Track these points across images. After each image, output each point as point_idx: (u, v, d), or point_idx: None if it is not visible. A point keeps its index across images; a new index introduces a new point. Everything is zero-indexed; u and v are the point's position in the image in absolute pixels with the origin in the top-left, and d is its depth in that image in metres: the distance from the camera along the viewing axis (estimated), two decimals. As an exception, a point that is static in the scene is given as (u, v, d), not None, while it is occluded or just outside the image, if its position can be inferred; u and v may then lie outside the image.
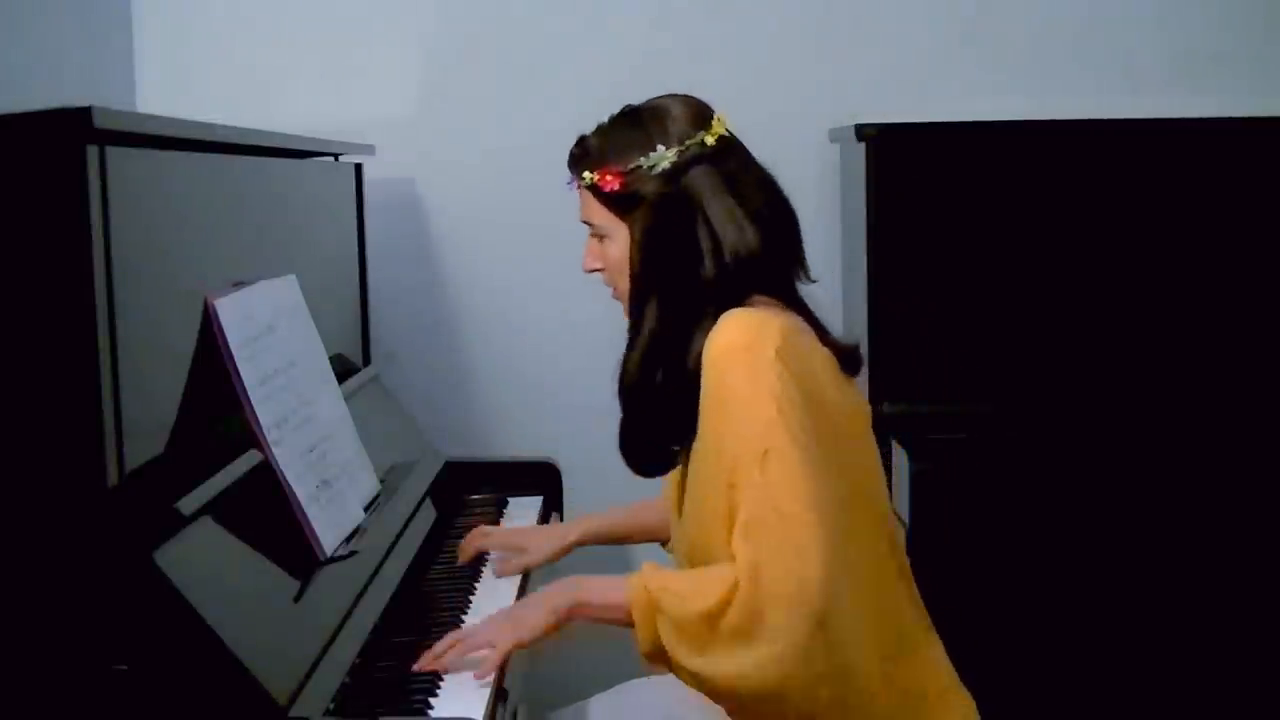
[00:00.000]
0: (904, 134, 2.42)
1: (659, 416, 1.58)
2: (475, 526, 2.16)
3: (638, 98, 1.72)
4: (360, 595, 1.62)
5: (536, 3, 2.69)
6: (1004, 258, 2.41)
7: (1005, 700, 1.76)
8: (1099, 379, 2.41)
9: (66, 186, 1.24)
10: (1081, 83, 2.66)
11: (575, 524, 2.01)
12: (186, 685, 1.27)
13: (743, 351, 1.45)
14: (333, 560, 1.61)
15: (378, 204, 2.51)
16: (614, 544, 2.02)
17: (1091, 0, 2.68)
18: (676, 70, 2.69)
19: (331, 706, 1.41)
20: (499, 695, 1.51)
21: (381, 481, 1.93)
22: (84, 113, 1.21)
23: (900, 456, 2.27)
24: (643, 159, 1.57)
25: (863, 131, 2.38)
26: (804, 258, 1.64)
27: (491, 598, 1.84)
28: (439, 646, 1.56)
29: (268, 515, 1.55)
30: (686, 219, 1.55)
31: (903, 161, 2.40)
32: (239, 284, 1.64)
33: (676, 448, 1.60)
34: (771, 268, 1.57)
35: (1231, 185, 2.42)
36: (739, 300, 1.53)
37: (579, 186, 1.64)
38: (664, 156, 1.57)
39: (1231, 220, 2.42)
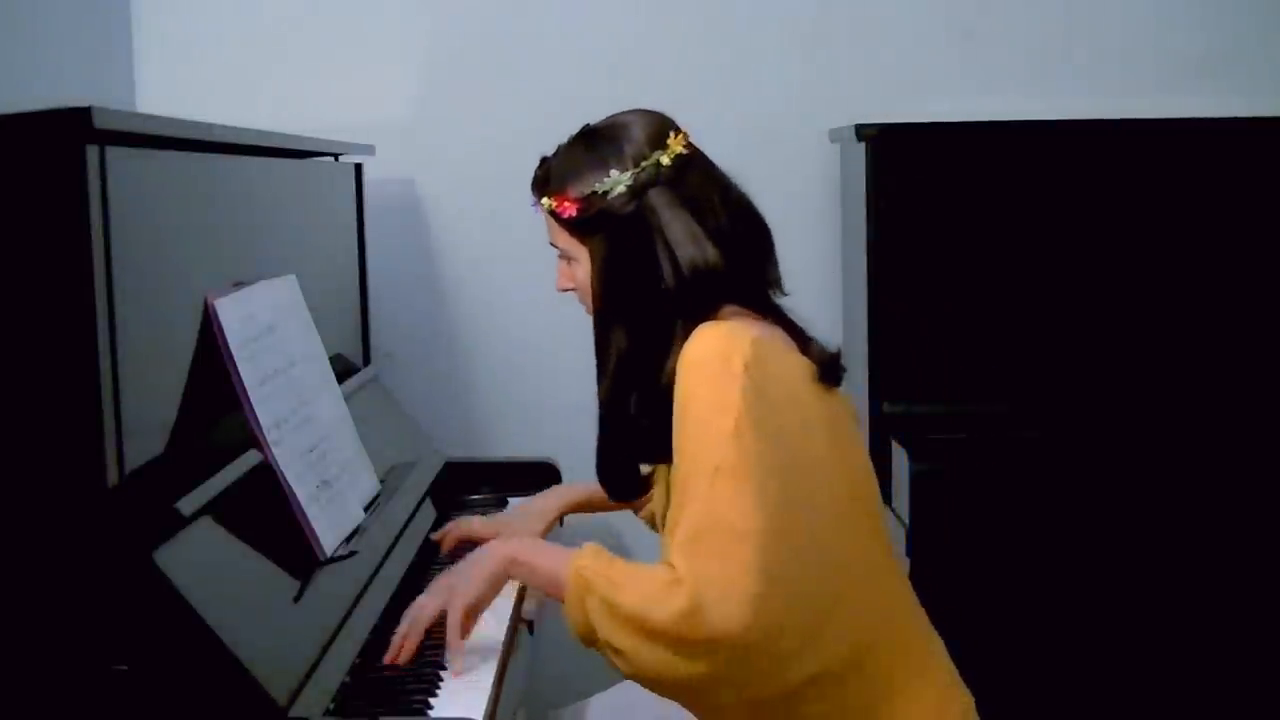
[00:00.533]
0: (904, 134, 2.42)
1: (634, 438, 1.58)
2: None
3: (638, 98, 1.72)
4: (360, 595, 1.62)
5: (536, 3, 2.69)
6: (1004, 258, 2.41)
7: (1005, 700, 1.76)
8: (1099, 378, 2.41)
9: (66, 186, 1.24)
10: (1081, 83, 2.66)
11: (554, 496, 2.01)
12: (186, 685, 1.27)
13: (709, 364, 1.44)
14: (333, 560, 1.61)
15: (378, 204, 2.51)
16: (596, 511, 2.02)
17: (1091, 0, 2.68)
18: (676, 70, 2.71)
19: (331, 706, 1.41)
20: (497, 700, 1.52)
21: (381, 481, 1.93)
22: (84, 113, 1.21)
23: (900, 456, 2.27)
24: (598, 184, 1.55)
25: (863, 131, 2.38)
26: (775, 267, 1.61)
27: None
28: (397, 636, 1.56)
29: (268, 515, 1.55)
30: (644, 241, 1.53)
31: (903, 161, 2.40)
32: (239, 284, 1.64)
33: (649, 469, 1.62)
34: (737, 280, 1.54)
35: (1231, 185, 2.42)
36: (707, 313, 1.51)
37: (541, 210, 1.64)
38: (619, 181, 1.54)
39: (1231, 220, 2.42)
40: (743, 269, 1.55)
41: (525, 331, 2.74)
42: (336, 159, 2.31)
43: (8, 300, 1.26)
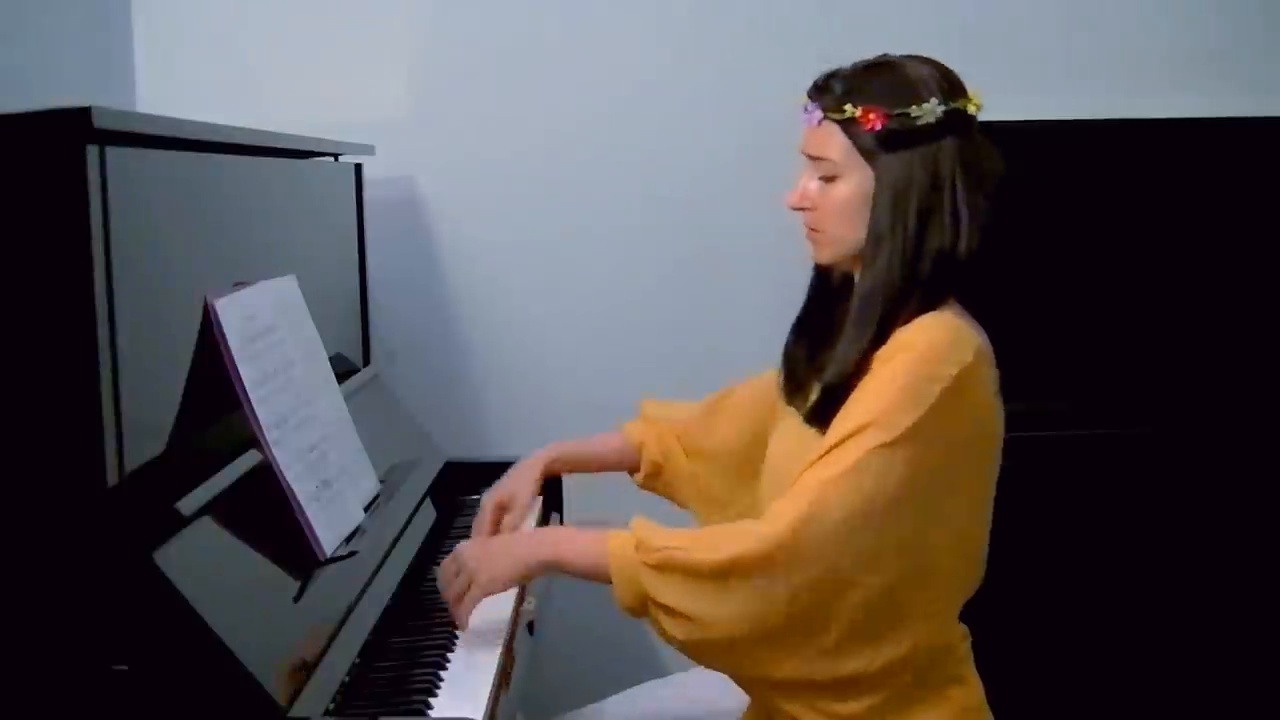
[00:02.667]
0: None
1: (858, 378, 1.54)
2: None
3: (637, 98, 1.73)
4: (360, 595, 1.62)
5: (535, 3, 2.69)
6: (1003, 257, 2.41)
7: (1014, 701, 1.76)
8: (1099, 378, 2.41)
9: (66, 186, 1.24)
10: (1082, 83, 2.66)
11: (538, 456, 1.98)
12: (186, 685, 1.27)
13: (927, 358, 1.46)
14: (333, 560, 1.61)
15: (378, 204, 2.51)
16: (583, 470, 2.00)
17: (1092, 0, 2.68)
18: (676, 70, 2.71)
19: (331, 706, 1.41)
20: (497, 700, 1.52)
21: (381, 481, 1.93)
22: (84, 113, 1.21)
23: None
24: (912, 107, 1.51)
25: (863, 131, 2.38)
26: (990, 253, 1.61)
27: (491, 599, 1.84)
28: (452, 607, 1.60)
29: (268, 515, 1.55)
30: (938, 177, 1.53)
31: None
32: (239, 284, 1.63)
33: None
34: (974, 273, 1.56)
35: (1231, 185, 2.42)
36: (943, 294, 1.53)
37: (822, 119, 1.56)
38: (934, 110, 1.52)
39: (1231, 220, 2.42)
40: (978, 263, 1.56)
41: (525, 331, 2.74)
42: (336, 159, 2.30)
43: (8, 300, 1.26)
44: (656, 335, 2.73)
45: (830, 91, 1.56)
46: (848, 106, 1.53)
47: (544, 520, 2.27)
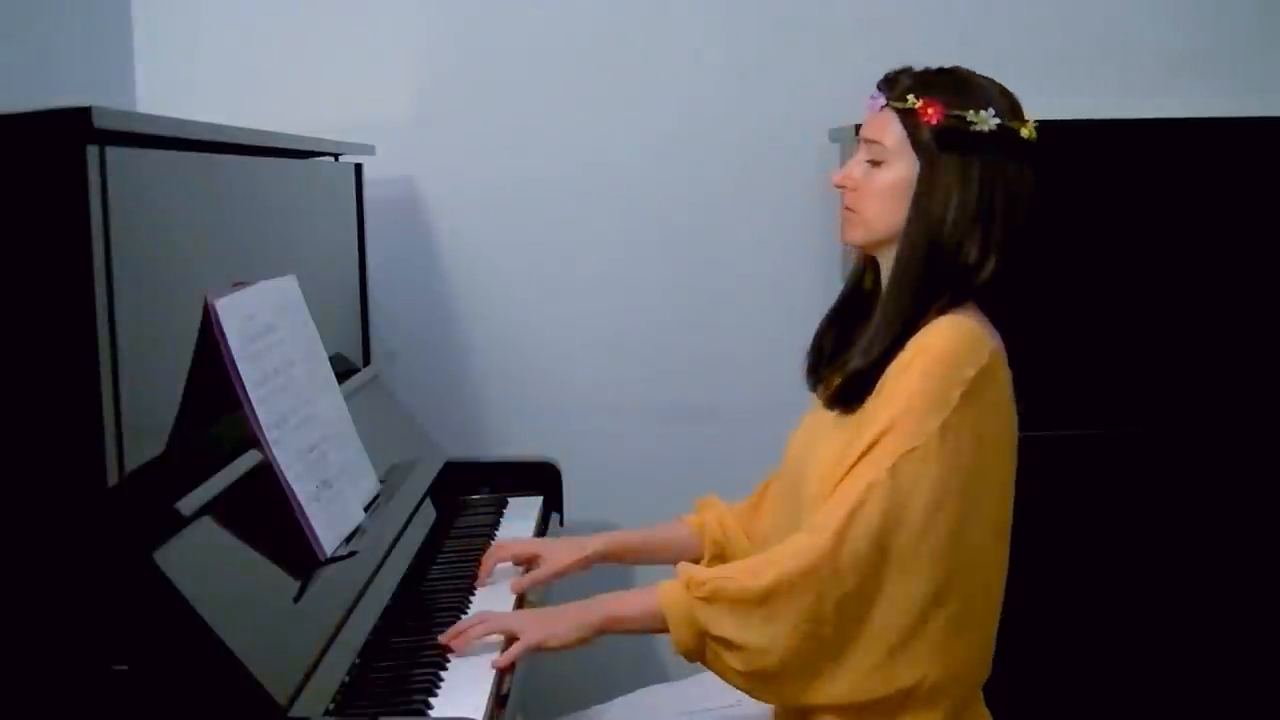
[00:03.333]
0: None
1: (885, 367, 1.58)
2: (475, 527, 2.16)
3: (638, 98, 1.73)
4: (360, 595, 1.62)
5: (536, 3, 2.69)
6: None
7: (1006, 701, 1.76)
8: (1098, 379, 2.41)
9: (66, 186, 1.24)
10: (1082, 83, 2.66)
11: (595, 537, 1.96)
12: (186, 685, 1.27)
13: (946, 360, 1.50)
14: (333, 560, 1.61)
15: (378, 204, 2.51)
16: (632, 562, 2.00)
17: (1091, 0, 2.68)
18: (677, 70, 2.71)
19: (331, 706, 1.41)
20: (500, 701, 1.51)
21: (381, 481, 1.93)
22: (84, 113, 1.21)
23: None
24: (970, 112, 1.57)
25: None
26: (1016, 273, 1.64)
27: (491, 598, 1.84)
28: (464, 623, 1.60)
29: (268, 515, 1.55)
30: (980, 187, 1.56)
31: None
32: (239, 284, 1.63)
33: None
34: (996, 287, 1.59)
35: (1231, 185, 2.42)
36: (963, 299, 1.57)
37: (886, 105, 1.62)
38: (989, 120, 1.56)
39: (1232, 220, 2.42)
40: (1002, 277, 1.59)
41: (525, 331, 2.74)
42: (336, 159, 2.30)
43: (8, 300, 1.26)
44: (656, 335, 2.73)
45: (898, 83, 1.63)
46: (909, 97, 1.60)
47: (543, 521, 2.27)
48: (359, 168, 2.37)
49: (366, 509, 1.80)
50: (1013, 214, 1.58)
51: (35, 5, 2.25)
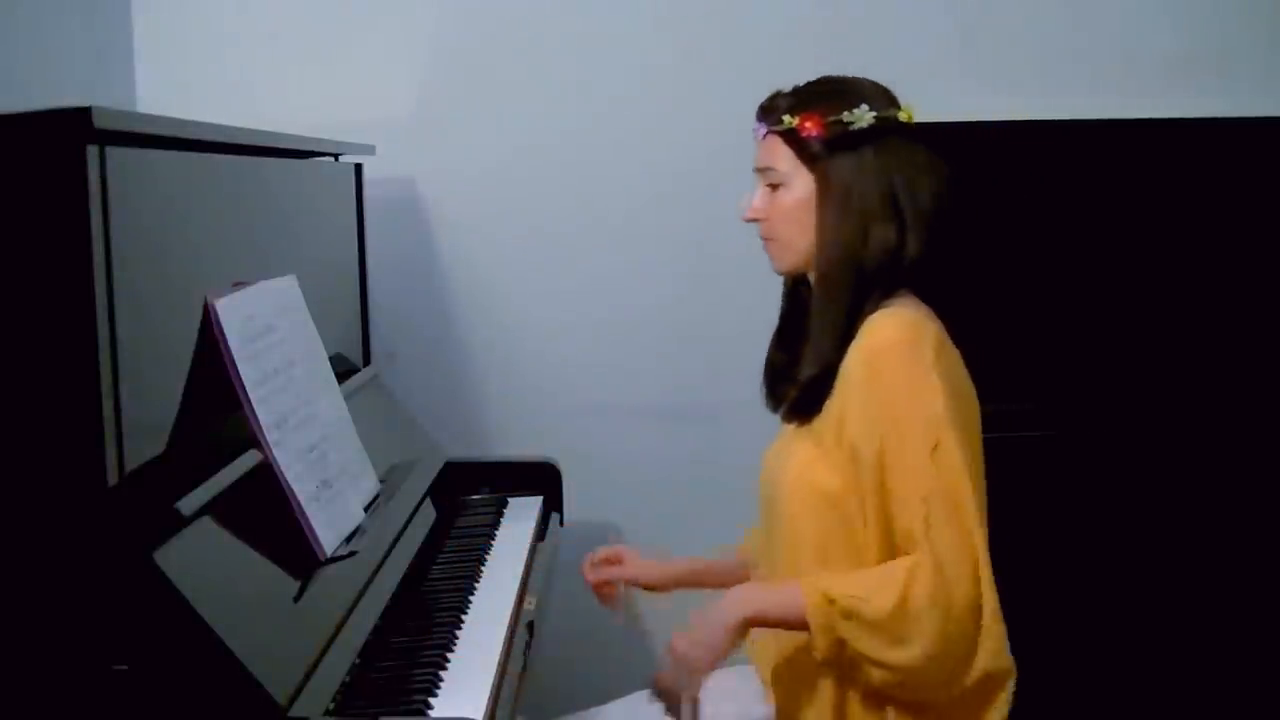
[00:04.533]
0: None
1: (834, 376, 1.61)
2: (475, 527, 2.16)
3: (638, 98, 1.73)
4: (360, 595, 1.62)
5: (536, 3, 2.69)
6: (1003, 257, 2.41)
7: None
8: (1098, 379, 2.41)
9: (66, 186, 1.24)
10: (1081, 83, 2.66)
11: (676, 562, 1.99)
12: (186, 685, 1.27)
13: (902, 352, 1.54)
14: (333, 560, 1.61)
15: (378, 204, 2.51)
16: (709, 587, 1.97)
17: (1091, 0, 2.68)
18: (677, 70, 2.71)
19: (331, 706, 1.41)
20: (497, 700, 1.52)
21: (381, 481, 1.93)
22: (84, 113, 1.21)
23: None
24: (845, 113, 1.62)
25: (863, 131, 2.38)
26: (951, 253, 1.68)
27: (491, 599, 1.84)
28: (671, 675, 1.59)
29: (268, 515, 1.55)
30: (875, 178, 1.62)
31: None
32: (239, 284, 1.63)
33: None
34: (925, 270, 1.63)
35: (1231, 185, 2.42)
36: (893, 291, 1.61)
37: (767, 133, 1.68)
38: (865, 116, 1.62)
39: (1231, 220, 2.42)
40: (930, 257, 1.63)
41: (525, 331, 2.74)
42: (336, 159, 2.30)
43: (8, 300, 1.26)
44: (656, 335, 2.73)
45: (773, 108, 1.69)
46: (786, 118, 1.66)
47: (543, 521, 2.27)
48: (359, 168, 2.37)
49: (366, 509, 1.80)
50: (916, 191, 1.62)
51: (35, 5, 2.25)
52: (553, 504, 2.35)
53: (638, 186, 2.71)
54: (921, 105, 2.55)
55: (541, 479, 2.37)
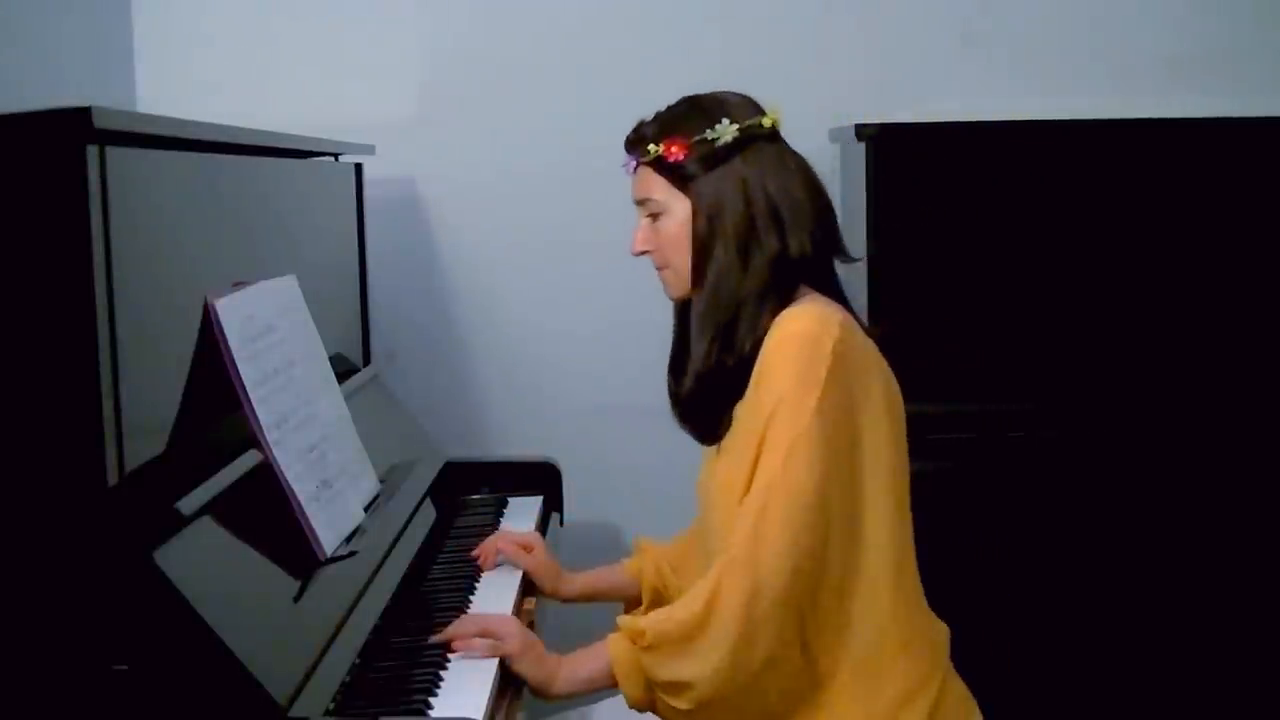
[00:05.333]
0: (904, 134, 2.42)
1: (725, 390, 1.61)
2: (475, 527, 2.17)
3: (638, 98, 1.74)
4: (360, 595, 1.62)
5: (536, 3, 2.69)
6: (1004, 257, 2.41)
7: (1007, 700, 1.76)
8: (1097, 379, 2.41)
9: (66, 186, 1.24)
10: (1081, 83, 2.66)
11: (574, 579, 1.97)
12: (186, 685, 1.27)
13: (802, 344, 1.53)
14: (333, 560, 1.61)
15: (378, 204, 2.51)
16: (600, 600, 1.99)
17: (1091, 0, 2.68)
18: (676, 70, 2.69)
19: (331, 706, 1.41)
20: (497, 700, 1.51)
21: (381, 481, 1.93)
22: (84, 113, 1.21)
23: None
24: (708, 131, 1.63)
25: (863, 131, 2.39)
26: (842, 242, 1.69)
27: (491, 598, 1.84)
28: (458, 627, 1.62)
29: (268, 515, 1.55)
30: (749, 189, 1.62)
31: (903, 161, 2.40)
32: (239, 284, 1.63)
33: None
34: (816, 263, 1.64)
35: (1231, 185, 2.42)
36: (792, 289, 1.61)
37: (637, 165, 1.69)
38: (728, 130, 1.63)
39: (1231, 220, 2.42)
40: (820, 252, 1.64)
41: (525, 332, 2.74)
42: (336, 159, 2.30)
43: (8, 300, 1.26)
44: (656, 335, 2.71)
45: (639, 140, 1.69)
46: (652, 146, 1.66)
47: (544, 521, 2.27)
48: (359, 168, 2.37)
49: (366, 509, 1.80)
50: (790, 192, 1.62)
51: (35, 5, 2.25)
52: (553, 504, 2.35)
53: (638, 186, 2.70)
54: (921, 105, 2.58)
55: (541, 479, 2.37)
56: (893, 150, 2.40)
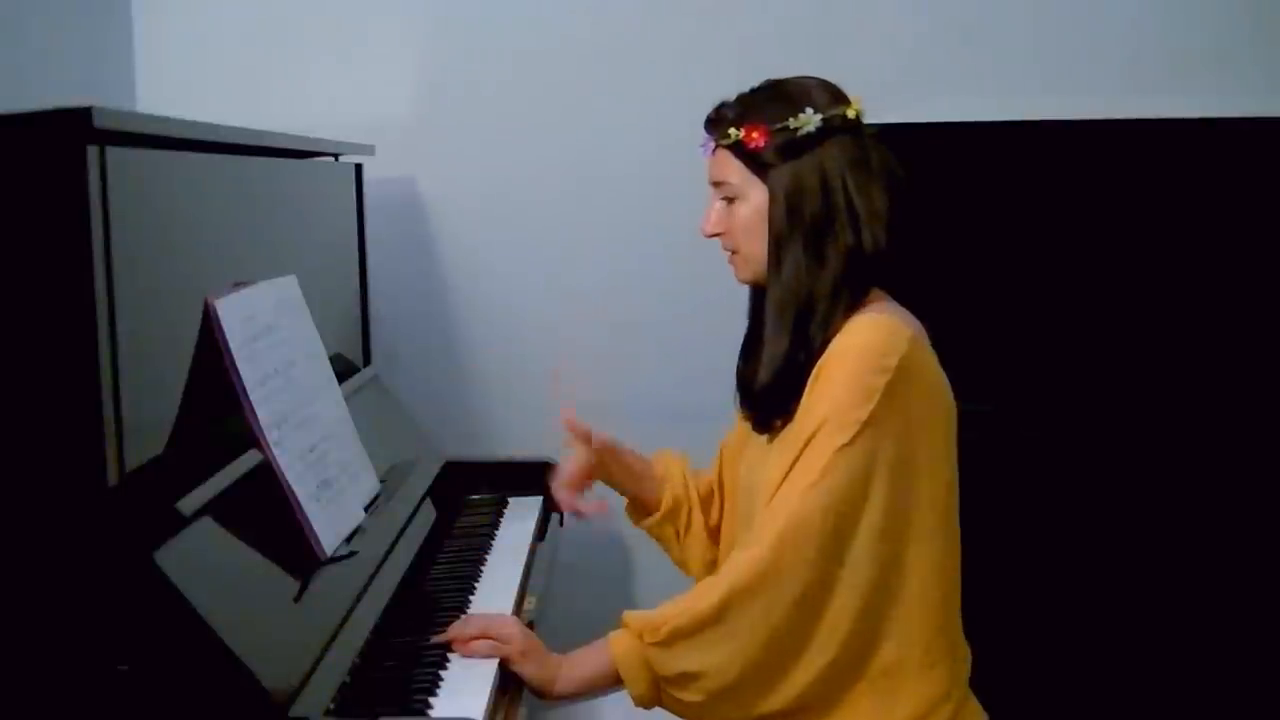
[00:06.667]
0: (904, 134, 2.40)
1: (796, 384, 1.60)
2: (475, 527, 2.17)
3: (638, 98, 1.74)
4: (360, 595, 1.62)
5: (536, 2, 2.69)
6: (1003, 258, 2.41)
7: (1005, 701, 1.76)
8: (1098, 379, 2.41)
9: (66, 186, 1.24)
10: (1081, 83, 2.66)
11: (599, 436, 1.97)
12: (186, 685, 1.27)
13: (867, 355, 1.52)
14: (333, 560, 1.61)
15: (378, 204, 2.51)
16: (614, 478, 1.99)
17: (1091, 0, 2.68)
18: (677, 70, 2.71)
19: (331, 706, 1.41)
20: (497, 700, 1.51)
21: (381, 481, 1.93)
22: (84, 113, 1.21)
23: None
24: (791, 120, 1.61)
25: (862, 131, 2.38)
26: (917, 244, 1.68)
27: (491, 599, 1.84)
28: (457, 629, 1.62)
29: (268, 515, 1.55)
30: (827, 181, 1.60)
31: (902, 161, 2.40)
32: (239, 284, 1.64)
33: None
34: (892, 265, 1.63)
35: (1231, 185, 2.42)
36: (865, 291, 1.60)
37: (716, 147, 1.67)
38: (811, 119, 1.61)
39: (1231, 220, 2.42)
40: (896, 252, 1.62)
41: (526, 331, 2.74)
42: (336, 159, 2.30)
43: (8, 300, 1.26)
44: (656, 335, 2.73)
45: (720, 122, 1.68)
46: (732, 130, 1.65)
47: (544, 521, 2.27)
48: (359, 168, 2.37)
49: (367, 509, 1.80)
50: (868, 186, 1.61)
51: (35, 5, 2.25)
52: (553, 504, 2.35)
53: (638, 186, 2.71)
54: (921, 105, 2.58)
55: (541, 479, 2.36)
56: (893, 150, 2.39)
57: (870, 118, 2.41)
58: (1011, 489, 2.33)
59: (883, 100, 2.64)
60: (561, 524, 2.34)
